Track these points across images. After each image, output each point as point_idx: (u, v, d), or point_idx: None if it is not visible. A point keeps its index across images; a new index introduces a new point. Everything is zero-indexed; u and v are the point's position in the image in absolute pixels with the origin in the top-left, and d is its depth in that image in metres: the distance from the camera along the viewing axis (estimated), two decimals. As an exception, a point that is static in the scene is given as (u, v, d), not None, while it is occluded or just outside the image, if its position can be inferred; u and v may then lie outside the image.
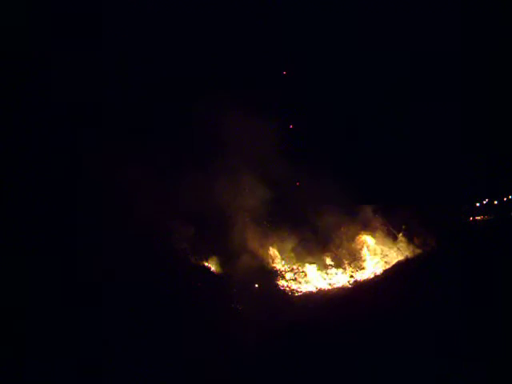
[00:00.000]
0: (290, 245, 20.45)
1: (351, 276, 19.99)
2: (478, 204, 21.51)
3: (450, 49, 20.56)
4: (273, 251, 20.37)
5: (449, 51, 20.60)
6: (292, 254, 20.46)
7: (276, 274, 19.79)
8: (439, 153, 20.90)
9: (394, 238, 20.62)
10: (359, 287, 18.95)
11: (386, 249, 20.57)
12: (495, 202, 21.43)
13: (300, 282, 19.73)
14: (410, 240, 20.29)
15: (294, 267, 20.21)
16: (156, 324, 15.16)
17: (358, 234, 21.06)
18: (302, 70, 21.73)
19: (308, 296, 18.90)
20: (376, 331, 14.22)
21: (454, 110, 20.82)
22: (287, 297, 18.85)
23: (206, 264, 19.46)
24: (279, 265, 20.19)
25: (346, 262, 20.48)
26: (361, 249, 20.76)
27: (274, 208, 20.21)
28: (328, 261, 20.42)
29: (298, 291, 19.26)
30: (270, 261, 20.13)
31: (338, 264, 20.41)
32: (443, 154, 20.84)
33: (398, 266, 19.58)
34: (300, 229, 20.50)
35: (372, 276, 19.65)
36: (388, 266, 19.92)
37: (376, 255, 20.50)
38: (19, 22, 18.23)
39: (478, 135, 21.20)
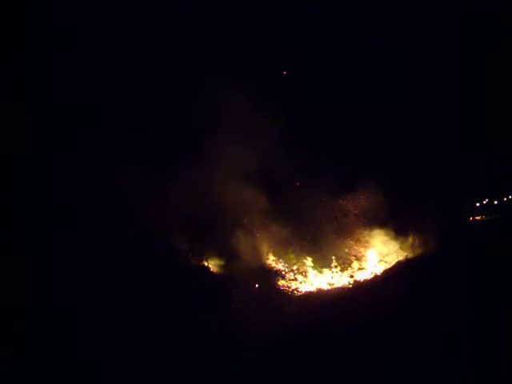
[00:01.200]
0: (289, 245, 20.47)
1: (351, 276, 20.00)
2: (477, 204, 21.52)
3: (451, 48, 20.54)
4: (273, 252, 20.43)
5: (449, 50, 20.59)
6: (292, 254, 20.46)
7: (276, 274, 19.79)
8: (439, 152, 20.89)
9: (394, 238, 20.64)
10: (359, 287, 18.95)
11: (385, 249, 20.58)
12: (495, 202, 21.43)
13: (300, 282, 19.74)
14: (410, 240, 20.31)
15: (294, 267, 20.22)
16: (155, 324, 15.13)
17: (358, 234, 21.09)
18: (302, 69, 21.75)
19: (308, 296, 18.91)
20: (376, 331, 14.21)
21: (453, 109, 20.82)
22: (287, 297, 18.84)
23: (206, 264, 19.45)
24: (279, 265, 20.20)
25: (346, 261, 20.49)
26: (361, 249, 20.78)
27: (274, 207, 20.22)
28: (328, 261, 20.44)
29: (298, 291, 19.26)
30: (270, 261, 20.13)
31: (338, 264, 20.42)
32: (443, 154, 20.84)
33: (398, 265, 19.59)
34: (300, 228, 20.51)
35: (372, 276, 19.66)
36: (388, 266, 19.93)
37: (376, 255, 20.52)
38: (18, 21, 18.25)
39: (477, 135, 21.20)
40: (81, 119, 18.83)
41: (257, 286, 18.90)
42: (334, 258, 20.53)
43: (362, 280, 19.57)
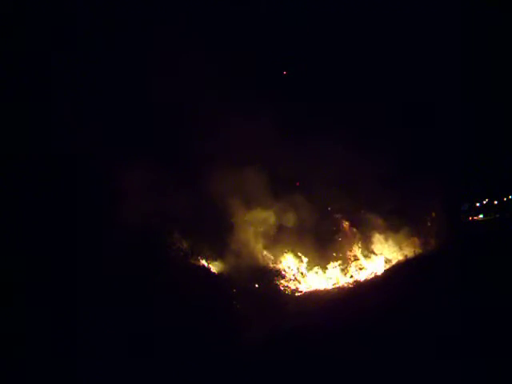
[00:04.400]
0: (289, 244, 20.48)
1: (351, 276, 20.01)
2: (478, 204, 21.55)
3: (452, 48, 20.54)
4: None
5: (450, 50, 20.59)
6: (292, 254, 20.47)
7: (276, 274, 19.79)
8: (439, 153, 20.91)
9: (394, 238, 20.65)
10: (359, 287, 18.95)
11: (386, 249, 20.60)
12: (495, 202, 21.47)
13: (300, 282, 19.74)
14: (410, 240, 20.32)
15: (294, 267, 20.23)
16: (155, 324, 15.13)
17: (358, 234, 21.10)
18: (303, 69, 21.74)
19: (308, 296, 18.91)
20: (377, 331, 14.21)
21: (454, 110, 20.83)
22: (287, 297, 18.85)
23: (206, 264, 19.44)
24: (279, 265, 20.20)
25: (346, 261, 20.49)
26: (361, 249, 20.79)
27: (274, 207, 20.22)
28: (328, 260, 20.45)
29: (298, 291, 19.27)
30: (270, 261, 20.13)
31: (338, 264, 20.42)
32: (443, 154, 20.85)
33: (398, 265, 19.61)
34: (300, 228, 20.50)
35: (372, 276, 19.67)
36: (388, 266, 19.96)
37: (376, 255, 20.54)
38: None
39: (478, 135, 21.23)
40: (78, 120, 18.74)
41: (257, 285, 18.91)
42: (334, 257, 20.55)
43: (362, 280, 19.59)
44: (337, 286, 19.61)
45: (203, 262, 19.46)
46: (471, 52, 20.72)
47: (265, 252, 20.14)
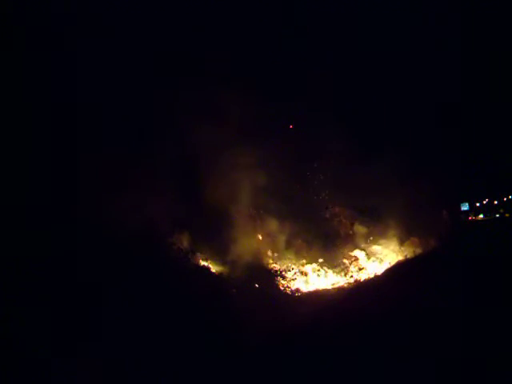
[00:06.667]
0: (290, 245, 20.48)
1: (351, 276, 20.02)
2: (477, 204, 21.59)
3: (451, 48, 20.59)
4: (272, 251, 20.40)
5: (450, 50, 20.63)
6: (292, 254, 20.48)
7: (276, 274, 19.78)
8: (439, 153, 20.94)
9: (394, 238, 20.67)
10: (359, 287, 18.95)
11: (385, 249, 20.61)
12: (495, 202, 21.50)
13: (300, 282, 19.74)
14: (410, 240, 20.34)
15: (294, 267, 20.23)
16: (155, 324, 15.08)
17: (358, 234, 21.12)
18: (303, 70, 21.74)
19: (308, 296, 18.91)
20: (377, 331, 14.18)
21: (454, 109, 20.87)
22: (287, 297, 18.83)
23: (206, 264, 19.42)
24: (279, 265, 20.20)
25: (346, 262, 20.51)
26: (361, 249, 20.81)
27: (274, 207, 20.22)
28: (328, 261, 20.46)
29: (298, 291, 19.26)
30: (270, 261, 20.13)
31: (339, 264, 20.44)
32: (443, 154, 20.87)
33: (398, 265, 19.61)
34: (301, 228, 20.51)
35: (372, 276, 19.68)
36: (388, 266, 19.96)
37: (376, 255, 20.55)
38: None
39: (478, 135, 21.28)
40: (77, 122, 18.66)
41: (257, 285, 18.88)
42: (334, 258, 20.57)
43: (362, 280, 19.59)
44: (337, 286, 19.61)
45: (203, 261, 19.44)
46: (471, 52, 20.76)
47: (265, 252, 20.14)
